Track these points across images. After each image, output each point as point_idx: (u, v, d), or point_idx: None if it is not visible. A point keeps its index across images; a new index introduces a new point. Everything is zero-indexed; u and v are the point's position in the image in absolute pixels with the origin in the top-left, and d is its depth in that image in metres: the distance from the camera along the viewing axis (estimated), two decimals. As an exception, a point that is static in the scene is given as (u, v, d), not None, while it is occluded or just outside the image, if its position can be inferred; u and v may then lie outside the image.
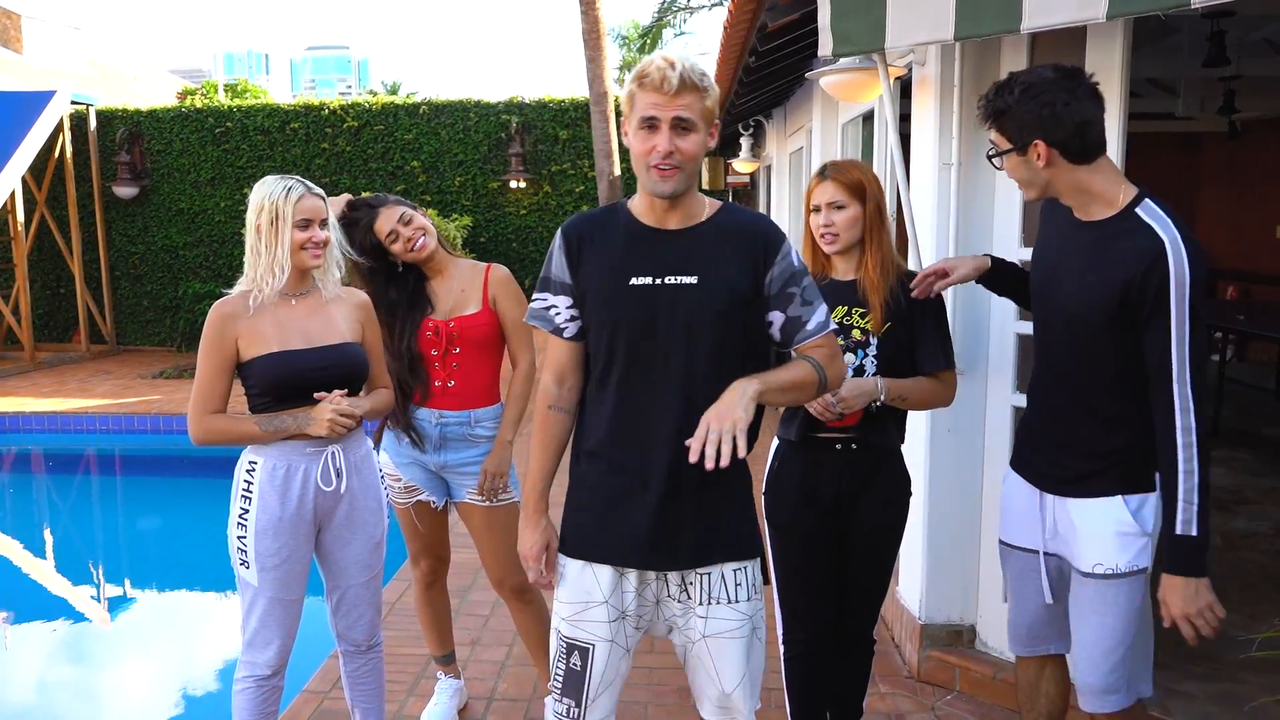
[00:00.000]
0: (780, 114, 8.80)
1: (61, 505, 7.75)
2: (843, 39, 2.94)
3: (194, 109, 12.84)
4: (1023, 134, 2.14)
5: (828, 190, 2.55)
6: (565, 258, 2.03)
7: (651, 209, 2.00)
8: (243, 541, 2.59)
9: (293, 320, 2.61)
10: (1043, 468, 2.35)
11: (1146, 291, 2.04)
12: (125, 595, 5.85)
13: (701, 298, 1.95)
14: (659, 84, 1.86)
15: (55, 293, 13.23)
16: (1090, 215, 2.18)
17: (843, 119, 5.87)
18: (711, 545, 2.02)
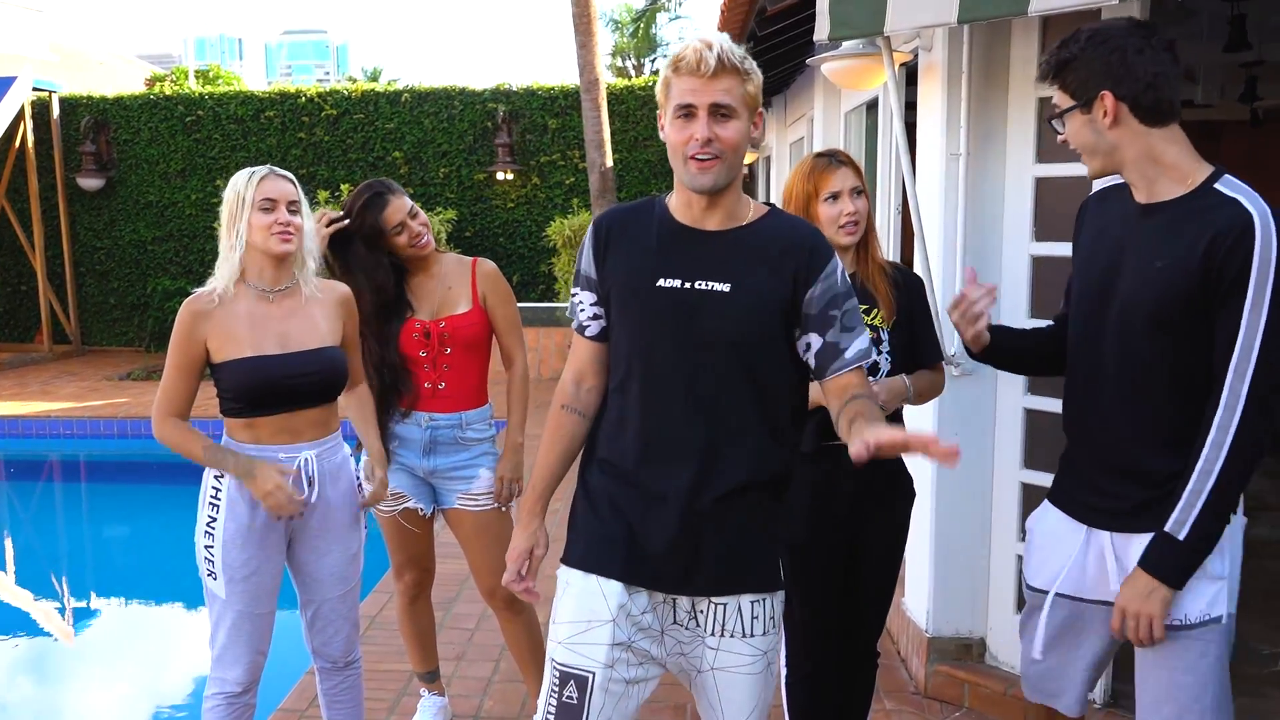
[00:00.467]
0: (780, 102, 8.81)
1: (23, 514, 7.73)
2: (841, 22, 2.95)
3: (163, 97, 12.82)
4: (1088, 86, 1.93)
5: (848, 176, 2.52)
6: (593, 250, 1.99)
7: (689, 206, 1.91)
8: (210, 551, 2.58)
9: (269, 321, 2.59)
10: (1091, 499, 2.09)
11: (1227, 270, 1.82)
12: (90, 608, 5.84)
13: (733, 308, 1.87)
14: (695, 66, 1.80)
15: (16, 290, 13.19)
16: (1156, 195, 1.96)
17: (845, 107, 5.88)
18: (731, 574, 1.93)
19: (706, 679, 1.96)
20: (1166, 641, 1.94)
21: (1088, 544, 2.09)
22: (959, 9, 2.69)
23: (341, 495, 2.72)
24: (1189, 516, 1.87)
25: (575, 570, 1.98)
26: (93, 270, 13.05)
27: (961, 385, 3.37)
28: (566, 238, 11.17)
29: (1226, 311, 1.85)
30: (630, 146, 12.21)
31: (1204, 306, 1.88)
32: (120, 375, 11.05)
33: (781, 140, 8.86)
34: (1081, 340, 2.12)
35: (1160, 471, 1.97)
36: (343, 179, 12.12)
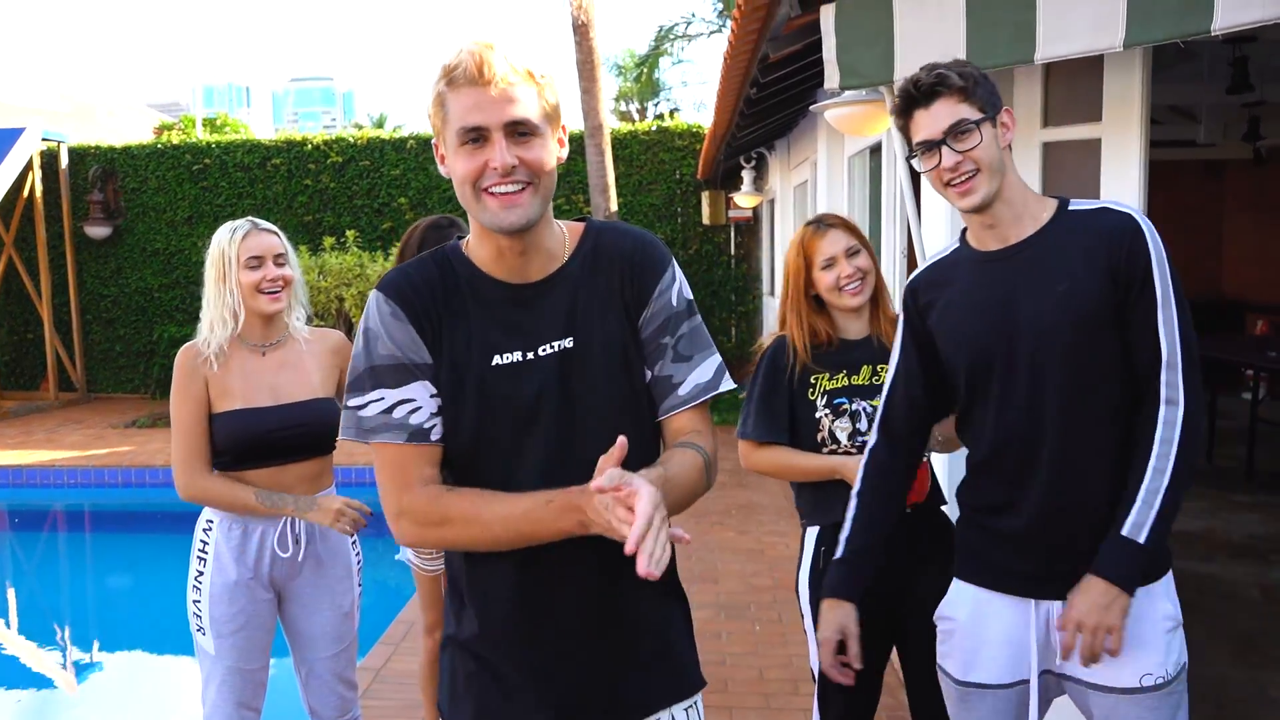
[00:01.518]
0: (784, 145, 8.86)
1: (26, 565, 7.68)
2: (849, 71, 2.95)
3: (170, 145, 12.92)
4: (994, 101, 1.89)
5: (838, 239, 2.48)
6: (414, 327, 1.52)
7: (500, 257, 1.53)
8: (198, 606, 2.55)
9: (262, 374, 2.58)
10: (1044, 570, 1.91)
11: (1134, 270, 1.80)
12: (93, 660, 5.77)
13: (586, 363, 1.54)
14: (477, 75, 1.42)
15: (23, 338, 13.21)
16: (1020, 233, 1.90)
17: (849, 151, 5.90)
18: (651, 686, 1.63)
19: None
20: (1155, 702, 1.84)
21: (1035, 620, 1.93)
22: (967, 58, 2.69)
23: (333, 552, 2.68)
24: (1148, 518, 1.76)
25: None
26: (99, 318, 13.09)
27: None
28: (571, 282, 11.15)
29: (1141, 311, 1.81)
30: (634, 190, 12.27)
31: (1116, 317, 1.83)
32: (125, 423, 11.04)
33: (786, 184, 8.90)
34: (996, 406, 1.94)
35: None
36: (348, 225, 12.18)
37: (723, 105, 5.94)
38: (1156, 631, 1.85)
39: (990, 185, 1.86)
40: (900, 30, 2.84)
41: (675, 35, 27.75)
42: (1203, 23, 2.21)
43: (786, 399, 2.52)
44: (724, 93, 5.48)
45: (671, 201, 12.25)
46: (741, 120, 6.17)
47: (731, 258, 12.35)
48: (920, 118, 1.90)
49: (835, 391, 2.49)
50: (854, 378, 2.50)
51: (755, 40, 3.99)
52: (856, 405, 2.48)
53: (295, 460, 2.59)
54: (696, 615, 5.02)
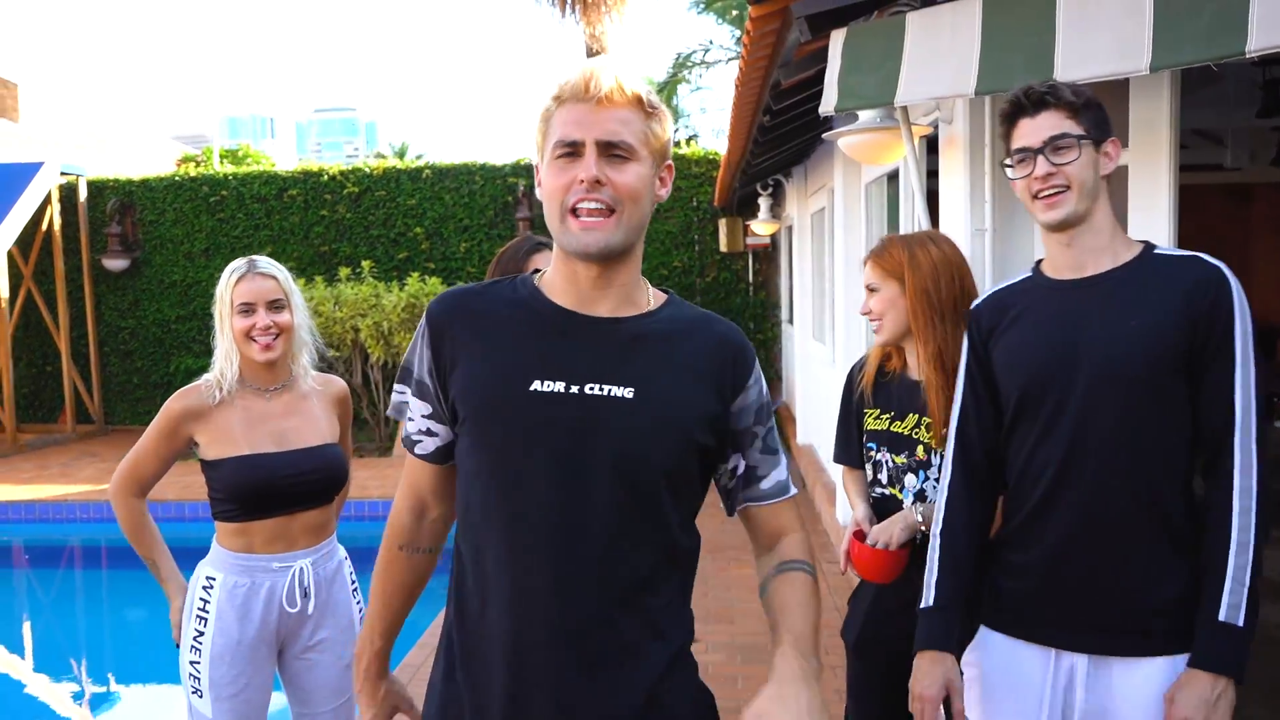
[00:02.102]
0: (800, 173, 8.76)
1: (42, 600, 7.61)
2: (848, 93, 2.84)
3: (188, 177, 12.95)
4: (1103, 128, 1.86)
5: (866, 272, 2.41)
6: (430, 347, 1.50)
7: (573, 283, 1.46)
8: (196, 668, 2.44)
9: (267, 419, 2.49)
10: (1080, 620, 1.84)
11: (1215, 326, 1.75)
12: (109, 693, 5.71)
13: (644, 420, 1.41)
14: (583, 89, 1.38)
15: (41, 371, 13.23)
16: (1098, 266, 1.87)
17: (866, 179, 5.78)
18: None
19: None
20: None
21: (1057, 673, 1.87)
22: (977, 80, 2.58)
23: (335, 604, 2.58)
24: (1241, 599, 1.69)
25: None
26: (117, 350, 13.09)
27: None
28: (588, 311, 11.09)
29: (1217, 368, 1.76)
30: (651, 217, 12.15)
31: (1187, 365, 1.78)
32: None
33: (803, 211, 8.78)
34: (1042, 441, 1.88)
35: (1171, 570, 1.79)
36: (364, 255, 12.15)
37: (736, 132, 5.85)
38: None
39: (1078, 205, 1.84)
40: (910, 54, 2.73)
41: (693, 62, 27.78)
42: (1236, 44, 2.08)
43: (856, 423, 2.45)
44: (737, 120, 5.38)
45: (688, 229, 12.15)
46: (756, 147, 6.07)
47: (749, 285, 12.23)
48: (1023, 125, 1.88)
49: (871, 434, 2.39)
50: (896, 424, 2.33)
51: (766, 66, 3.89)
52: (881, 455, 2.35)
53: (303, 509, 2.50)
54: (711, 658, 4.93)
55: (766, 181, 9.58)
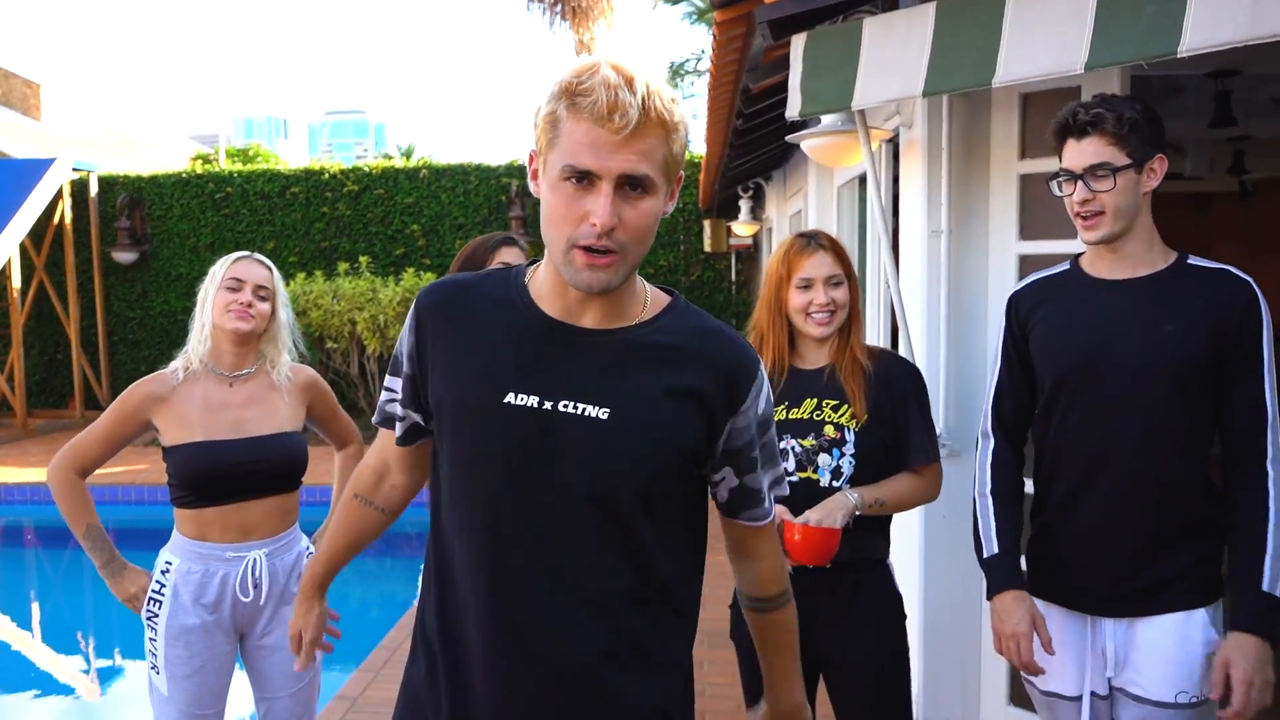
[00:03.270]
0: (780, 176, 8.69)
1: (51, 578, 7.54)
2: (811, 98, 2.77)
3: (194, 174, 12.86)
4: (1148, 147, 1.92)
5: (824, 263, 2.19)
6: (415, 338, 1.40)
7: (561, 295, 1.32)
8: (153, 645, 2.37)
9: (226, 407, 2.42)
10: (1103, 587, 1.97)
11: (1243, 336, 1.86)
12: (114, 668, 5.66)
13: (616, 442, 1.28)
14: (607, 114, 1.19)
15: (52, 359, 13.13)
16: (1136, 270, 1.96)
17: (838, 182, 5.71)
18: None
19: None
20: (1180, 718, 1.90)
21: (1096, 635, 2.00)
22: (925, 82, 2.51)
23: (292, 594, 2.50)
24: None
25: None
26: (125, 339, 12.99)
27: (948, 466, 3.12)
28: (576, 307, 11.05)
29: (1247, 376, 1.86)
30: (639, 219, 12.10)
31: (1218, 369, 1.87)
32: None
33: (782, 213, 8.71)
34: (1075, 424, 1.99)
35: (1182, 544, 1.92)
36: (363, 251, 12.05)
37: (712, 136, 5.77)
38: (1198, 655, 1.89)
39: (1113, 227, 1.91)
40: (866, 58, 2.65)
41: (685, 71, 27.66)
42: (1170, 44, 2.01)
43: None
44: (712, 124, 5.31)
45: (675, 229, 12.09)
46: (732, 151, 6.00)
47: (733, 284, 12.17)
48: (1070, 146, 1.94)
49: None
50: (794, 411, 2.21)
51: (735, 71, 3.82)
52: (785, 443, 2.19)
53: (259, 496, 2.42)
54: (678, 644, 4.82)
55: (747, 184, 9.51)
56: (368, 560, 1.82)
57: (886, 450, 2.20)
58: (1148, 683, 1.92)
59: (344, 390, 11.27)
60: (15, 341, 11.78)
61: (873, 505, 2.15)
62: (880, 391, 2.20)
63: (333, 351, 10.58)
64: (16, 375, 11.74)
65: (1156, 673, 1.91)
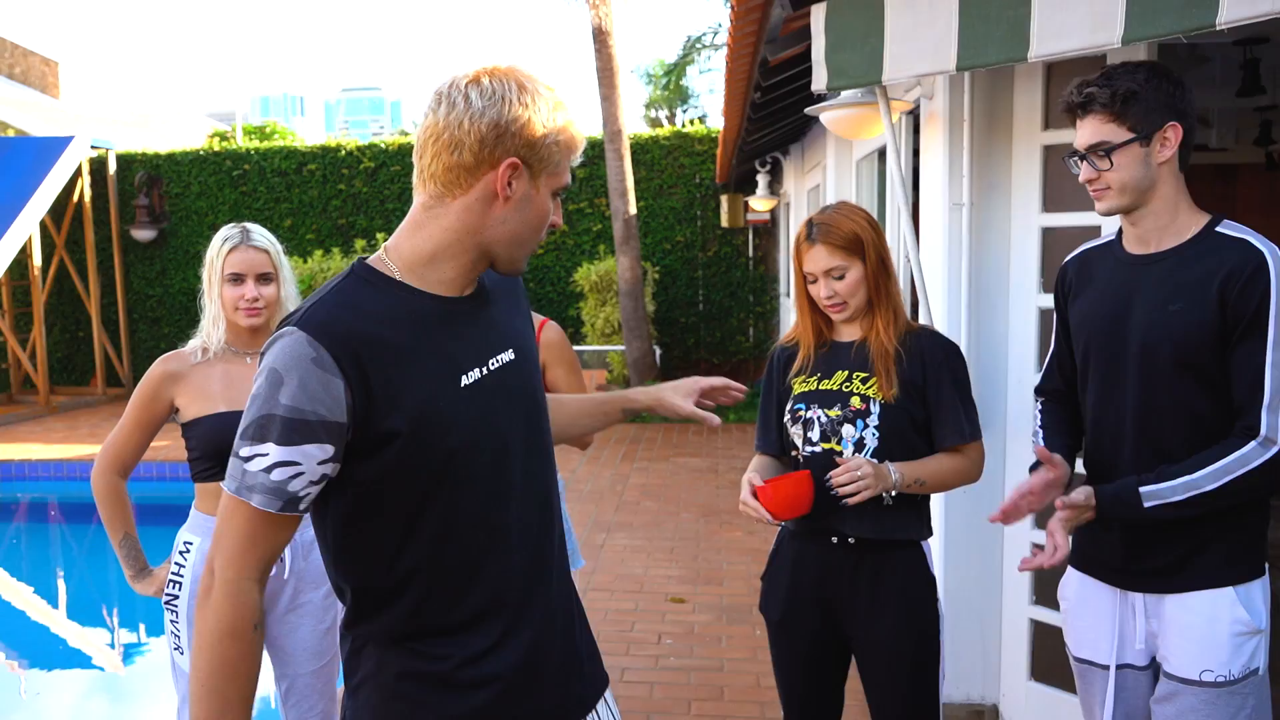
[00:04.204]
0: (798, 150, 8.62)
1: (75, 553, 7.62)
2: (838, 72, 2.73)
3: (212, 152, 12.87)
4: (1154, 117, 1.84)
5: (820, 257, 2.16)
6: (343, 379, 1.27)
7: (461, 275, 1.39)
8: (175, 626, 2.38)
9: (245, 379, 2.42)
10: (1123, 562, 1.98)
11: (1244, 305, 1.78)
12: (139, 642, 5.74)
13: (521, 372, 1.46)
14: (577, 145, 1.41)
15: (73, 336, 13.23)
16: (1160, 244, 1.91)
17: (857, 155, 5.65)
18: (596, 677, 1.56)
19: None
20: (1211, 697, 1.87)
21: (1122, 608, 2.00)
22: (957, 57, 2.46)
23: (315, 569, 2.50)
24: (1168, 499, 1.82)
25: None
26: (145, 317, 13.07)
27: (968, 442, 3.10)
28: (593, 283, 11.03)
29: (1246, 347, 1.79)
30: (655, 194, 12.05)
31: (1221, 345, 1.82)
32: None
33: (800, 188, 8.64)
34: (1102, 399, 2.01)
35: (1197, 523, 1.87)
36: (380, 228, 12.07)
37: (730, 110, 5.72)
38: (1225, 633, 1.87)
39: (1120, 201, 1.89)
40: (891, 29, 2.60)
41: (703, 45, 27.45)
42: (1207, 16, 1.96)
43: (776, 406, 2.31)
44: (730, 97, 5.25)
45: (691, 205, 12.02)
46: (750, 125, 5.94)
47: (749, 259, 12.11)
48: (1078, 125, 1.93)
49: (799, 396, 2.23)
50: (825, 382, 2.21)
51: (753, 43, 3.76)
52: (812, 412, 2.19)
53: None
54: (698, 619, 4.86)
55: (765, 159, 9.44)
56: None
57: (916, 426, 2.17)
58: (1174, 658, 1.91)
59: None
60: (37, 319, 11.86)
61: (913, 484, 2.12)
62: (914, 369, 2.17)
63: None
64: (39, 353, 11.83)
65: (1182, 649, 1.90)
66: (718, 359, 12.15)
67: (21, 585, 6.86)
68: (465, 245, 1.37)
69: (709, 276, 12.14)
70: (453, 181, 1.34)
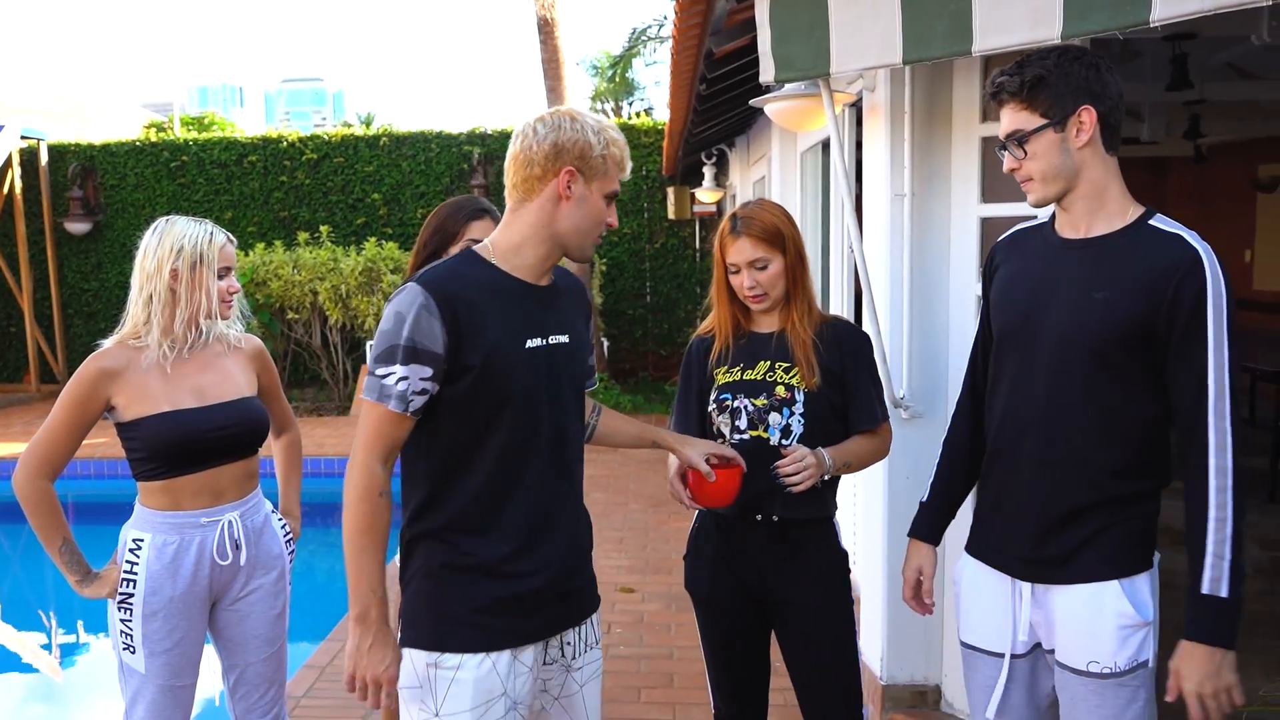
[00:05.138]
0: (743, 142, 8.66)
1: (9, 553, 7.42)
2: (785, 64, 2.76)
3: (149, 143, 12.58)
4: (1064, 102, 1.79)
5: (745, 249, 2.26)
6: (442, 322, 1.74)
7: (539, 265, 1.88)
8: (127, 625, 2.34)
9: (183, 376, 2.37)
10: (1017, 550, 1.96)
11: (1179, 307, 1.73)
12: (78, 642, 5.62)
13: (572, 356, 1.94)
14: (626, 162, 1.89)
15: (5, 332, 12.86)
16: (1090, 229, 1.86)
17: (801, 147, 5.70)
18: (593, 593, 2.03)
19: (574, 700, 1.98)
20: (1099, 688, 1.87)
21: (1016, 597, 1.99)
22: (903, 50, 2.51)
23: (265, 554, 2.49)
24: (1223, 572, 1.73)
25: (463, 655, 1.82)
26: (80, 311, 12.74)
27: (911, 428, 3.16)
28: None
29: (1188, 352, 1.75)
30: (602, 186, 12.03)
31: (1146, 345, 1.78)
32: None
33: (745, 180, 8.70)
34: (1011, 373, 1.96)
35: (1093, 516, 1.87)
36: (323, 220, 11.88)
37: (676, 102, 5.74)
38: (1110, 626, 1.86)
39: (1045, 190, 1.86)
40: (835, 21, 2.64)
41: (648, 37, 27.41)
42: (1141, 13, 2.03)
43: (697, 396, 2.40)
44: (675, 89, 5.27)
45: (638, 197, 12.04)
46: (696, 116, 5.97)
47: (696, 251, 12.17)
48: (1000, 115, 1.90)
49: (724, 386, 2.33)
50: (747, 373, 2.31)
51: (698, 35, 3.79)
52: (739, 402, 2.29)
53: (228, 461, 2.40)
54: (647, 607, 4.89)
55: (710, 151, 9.47)
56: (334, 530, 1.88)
57: (835, 412, 2.29)
58: (1061, 648, 1.92)
59: (306, 362, 11.15)
60: (-34, 315, 11.52)
61: (842, 467, 2.26)
62: (831, 357, 2.28)
63: (294, 323, 10.46)
64: (-32, 349, 11.50)
65: (1069, 640, 1.90)
66: (665, 350, 12.19)
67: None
68: (541, 237, 1.84)
69: (656, 269, 12.18)
70: (529, 189, 1.82)
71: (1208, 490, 1.74)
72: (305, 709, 3.67)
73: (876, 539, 3.35)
